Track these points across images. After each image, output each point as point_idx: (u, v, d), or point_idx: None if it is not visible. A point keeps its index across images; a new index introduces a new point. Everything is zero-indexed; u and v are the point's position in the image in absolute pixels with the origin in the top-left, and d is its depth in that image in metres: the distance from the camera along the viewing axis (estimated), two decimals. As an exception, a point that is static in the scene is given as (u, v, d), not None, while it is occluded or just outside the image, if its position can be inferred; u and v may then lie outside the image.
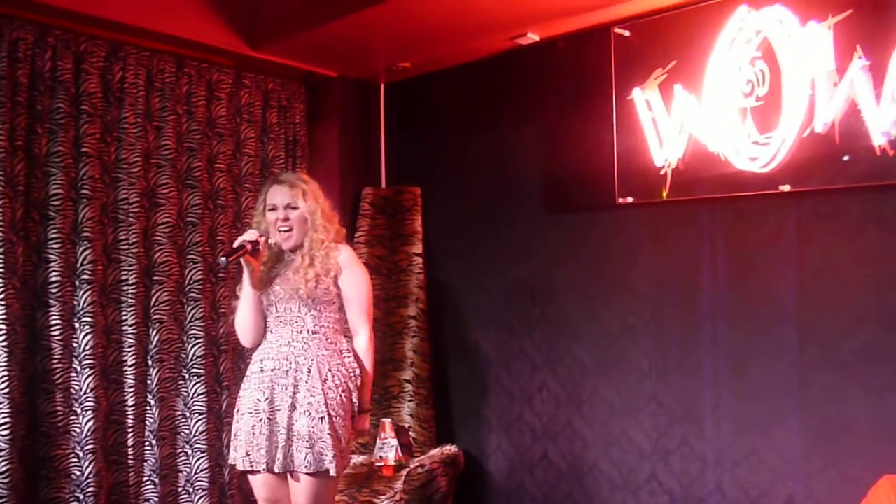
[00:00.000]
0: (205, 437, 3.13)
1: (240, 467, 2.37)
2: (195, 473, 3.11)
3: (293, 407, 2.26)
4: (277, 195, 2.38)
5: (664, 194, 2.81)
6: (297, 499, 2.28)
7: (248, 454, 2.31)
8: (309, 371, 2.28)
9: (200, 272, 3.17)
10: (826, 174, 2.42)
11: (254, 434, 2.30)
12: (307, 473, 2.24)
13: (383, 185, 3.86)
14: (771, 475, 2.61)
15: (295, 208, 2.36)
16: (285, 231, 2.36)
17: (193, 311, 3.15)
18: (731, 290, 2.72)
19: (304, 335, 2.32)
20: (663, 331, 2.89)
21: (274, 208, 2.37)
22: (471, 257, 3.53)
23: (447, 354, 3.63)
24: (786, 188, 2.49)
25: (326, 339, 2.34)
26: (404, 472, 3.11)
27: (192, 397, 3.12)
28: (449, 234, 3.64)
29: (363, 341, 2.40)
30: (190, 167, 3.17)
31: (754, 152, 2.55)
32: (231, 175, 3.33)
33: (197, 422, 3.13)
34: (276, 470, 2.26)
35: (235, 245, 2.30)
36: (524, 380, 3.31)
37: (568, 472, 3.14)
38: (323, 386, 2.27)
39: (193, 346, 3.14)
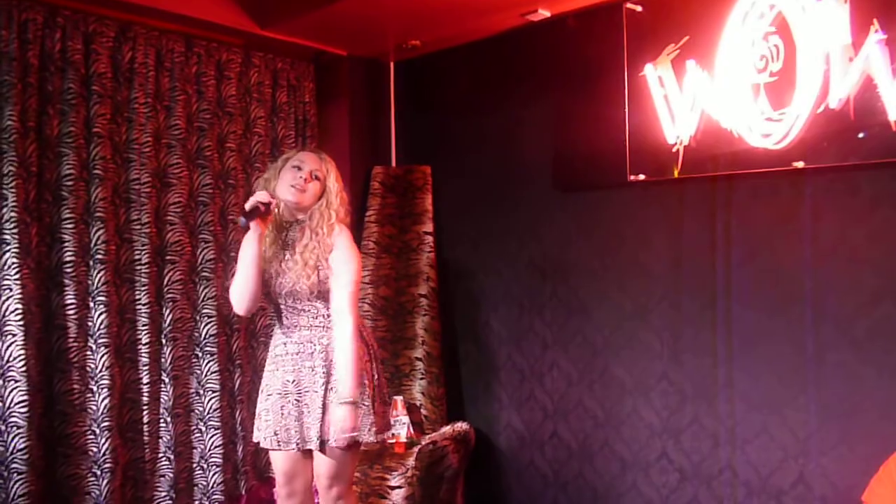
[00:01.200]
0: (218, 415, 3.17)
1: (265, 445, 2.41)
2: (209, 450, 3.16)
3: (325, 386, 2.30)
4: (307, 159, 2.39)
5: (676, 172, 2.78)
6: (321, 470, 2.35)
7: (276, 434, 2.36)
8: (333, 351, 2.32)
9: (212, 252, 3.19)
10: (840, 151, 2.38)
11: (283, 415, 2.34)
12: (339, 447, 2.30)
13: (393, 164, 3.85)
14: (782, 453, 2.61)
15: (318, 179, 2.37)
16: (299, 188, 2.33)
17: (206, 290, 3.17)
18: (743, 268, 2.71)
19: (320, 319, 2.36)
20: (675, 309, 2.88)
21: (299, 168, 2.36)
22: (481, 236, 3.53)
23: (458, 333, 3.64)
24: (799, 165, 2.46)
25: None
26: (416, 449, 3.14)
27: (206, 375, 3.16)
28: (459, 212, 3.63)
29: (348, 329, 2.29)
30: (200, 147, 3.18)
31: (767, 129, 2.52)
32: (241, 155, 3.34)
33: (210, 399, 3.16)
34: (310, 447, 2.31)
35: (249, 206, 2.26)
36: (535, 358, 3.31)
37: (578, 450, 3.16)
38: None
39: (206, 325, 3.17)
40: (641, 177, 2.89)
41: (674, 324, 2.88)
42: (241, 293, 2.35)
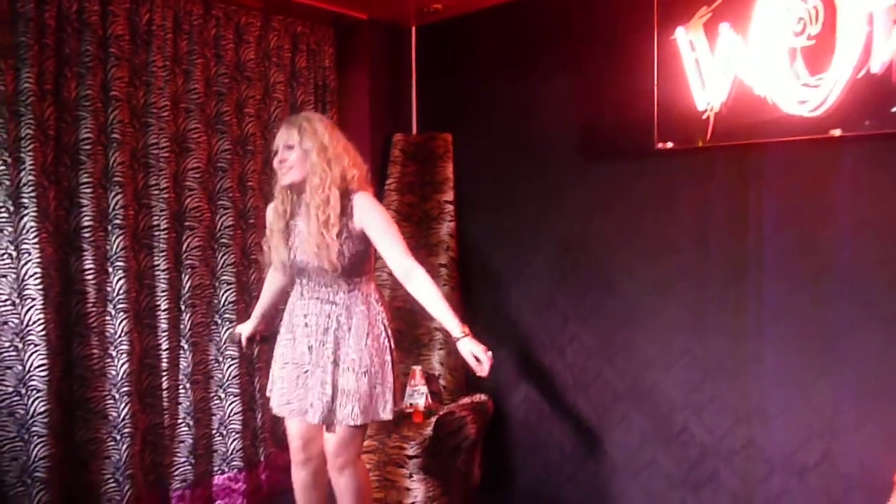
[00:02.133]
0: (237, 382, 3.17)
1: (279, 413, 2.42)
2: (228, 417, 3.17)
3: (335, 363, 2.27)
4: (279, 136, 2.30)
5: (706, 139, 2.70)
6: (331, 440, 2.34)
7: (289, 402, 2.35)
8: (349, 329, 2.28)
9: (231, 218, 3.16)
10: (880, 119, 2.28)
11: (297, 384, 2.33)
12: (344, 424, 2.28)
13: (414, 131, 3.79)
14: (807, 431, 2.54)
15: (290, 147, 2.25)
16: (282, 172, 2.28)
17: (224, 257, 3.15)
18: (773, 240, 2.62)
19: (341, 294, 2.30)
20: (701, 282, 2.81)
21: (276, 150, 2.29)
22: (503, 205, 3.46)
23: (477, 304, 3.60)
24: (836, 133, 2.36)
25: (364, 294, 2.33)
26: (434, 419, 3.12)
27: (224, 342, 3.15)
28: (481, 181, 3.56)
29: (420, 275, 2.22)
30: (219, 112, 3.13)
31: (803, 95, 2.42)
32: (260, 120, 3.29)
33: (229, 367, 3.16)
34: (316, 422, 2.29)
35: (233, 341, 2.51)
36: (555, 330, 3.26)
37: (598, 423, 3.12)
38: (365, 341, 2.28)
39: (225, 291, 3.16)
40: (669, 145, 2.80)
41: (699, 297, 2.81)
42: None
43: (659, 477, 2.92)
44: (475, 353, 2.18)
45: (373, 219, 2.25)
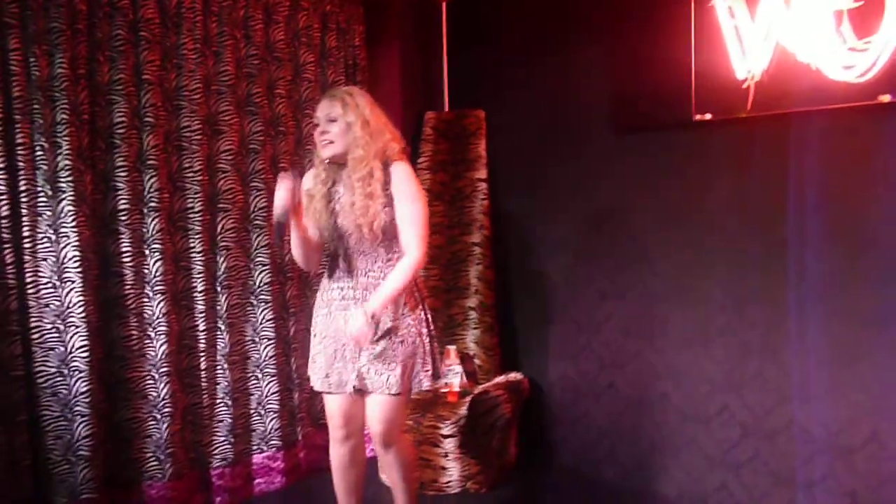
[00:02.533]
0: (274, 362, 3.20)
1: (318, 388, 2.41)
2: (266, 396, 3.20)
3: (378, 334, 2.25)
4: (320, 109, 2.30)
5: (746, 110, 2.60)
6: (372, 415, 2.34)
7: (327, 376, 2.35)
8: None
9: (264, 199, 3.17)
10: (933, 83, 2.17)
11: (335, 358, 2.33)
12: (383, 394, 2.28)
13: (446, 108, 3.74)
14: (853, 410, 2.47)
15: (333, 120, 2.25)
16: (326, 142, 2.27)
17: (258, 238, 3.17)
18: (818, 213, 2.53)
19: (379, 264, 2.29)
20: (742, 258, 2.73)
21: (317, 123, 2.30)
22: (537, 182, 3.41)
23: (513, 282, 3.56)
24: (885, 99, 2.26)
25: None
26: (468, 399, 3.11)
27: (261, 323, 3.18)
28: (514, 158, 3.51)
29: (408, 261, 2.24)
30: (250, 93, 3.13)
31: (850, 60, 2.31)
32: (291, 101, 3.28)
33: (266, 347, 3.19)
34: (351, 390, 2.30)
35: (275, 218, 2.23)
36: (592, 308, 3.21)
37: (635, 401, 3.07)
38: (401, 310, 2.28)
39: (260, 273, 3.18)
40: (708, 116, 2.71)
41: (739, 273, 2.73)
42: (300, 261, 2.40)
43: (698, 457, 2.87)
44: (352, 328, 2.18)
45: (405, 190, 2.26)
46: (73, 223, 2.61)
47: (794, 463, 2.61)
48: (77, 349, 2.62)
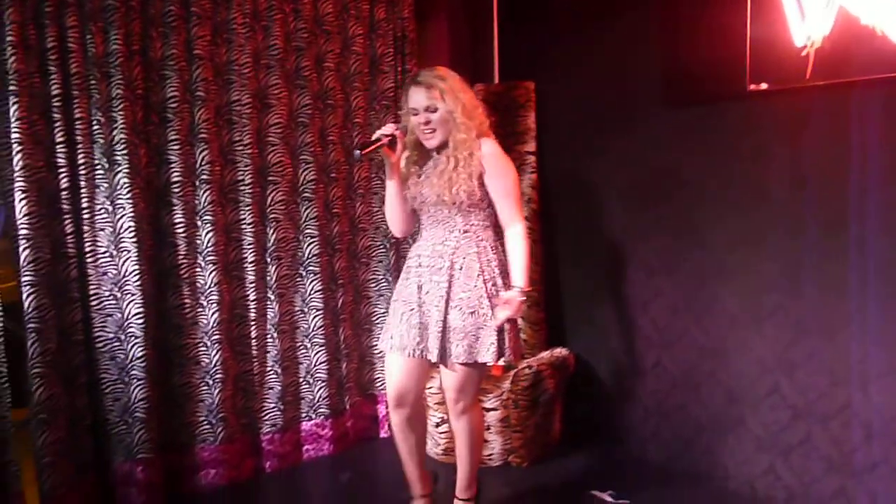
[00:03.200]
0: (322, 332, 3.27)
1: (385, 349, 2.49)
2: (314, 366, 3.27)
3: (447, 302, 2.32)
4: (417, 97, 2.33)
5: (805, 79, 2.47)
6: (447, 383, 2.42)
7: (391, 337, 2.43)
8: (461, 269, 2.33)
9: (313, 172, 3.21)
10: None
11: (402, 321, 2.40)
12: (461, 364, 2.33)
13: (496, 80, 3.69)
14: (913, 394, 2.35)
15: (435, 110, 2.31)
16: (429, 133, 2.33)
17: (308, 210, 3.22)
18: (883, 188, 2.39)
19: (455, 234, 2.35)
20: (798, 235, 2.61)
21: (416, 112, 2.34)
22: (586, 156, 3.34)
23: (560, 257, 3.52)
24: (955, 66, 2.11)
25: (477, 237, 2.36)
26: (512, 373, 3.10)
27: (310, 294, 3.25)
28: (564, 131, 3.45)
29: (517, 231, 2.35)
30: (299, 67, 3.17)
31: (919, 24, 2.16)
32: (339, 74, 3.30)
33: (315, 317, 3.26)
34: (432, 359, 2.36)
35: (372, 138, 2.34)
36: (639, 285, 3.15)
37: (682, 380, 3.00)
38: (474, 282, 2.32)
39: (309, 244, 3.23)
40: (763, 86, 2.59)
41: (795, 251, 2.62)
42: (390, 220, 2.53)
43: (747, 439, 2.79)
44: (503, 311, 2.29)
45: (495, 165, 2.34)
46: (129, 195, 2.70)
47: (847, 448, 2.51)
48: (133, 316, 2.73)
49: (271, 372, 3.17)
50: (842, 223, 2.48)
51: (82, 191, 2.63)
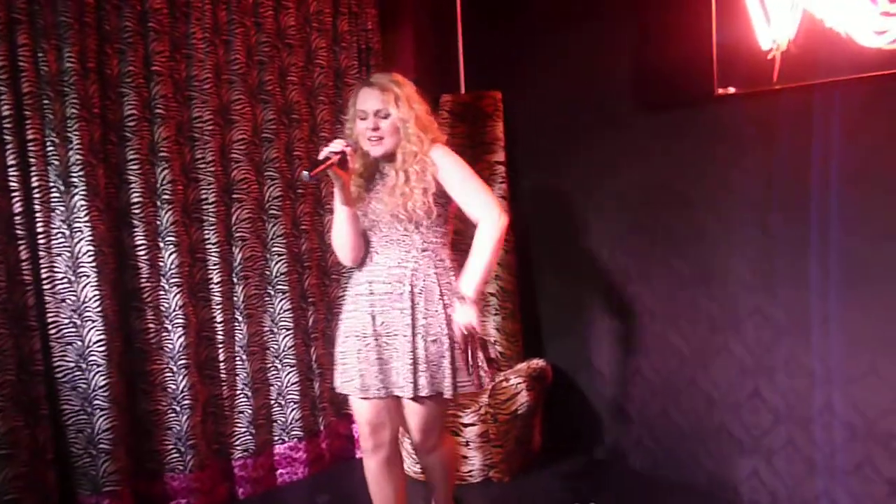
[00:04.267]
0: (293, 352, 3.18)
1: (345, 391, 2.25)
2: (286, 387, 3.18)
3: (413, 331, 2.11)
4: (368, 100, 2.14)
5: (771, 82, 2.47)
6: (413, 424, 2.20)
7: (351, 379, 2.20)
8: (421, 292, 2.12)
9: (279, 189, 3.14)
10: (973, 45, 2.03)
11: (360, 359, 2.17)
12: (424, 396, 2.12)
13: (462, 90, 3.66)
14: (893, 394, 2.34)
15: (386, 116, 2.13)
16: (375, 140, 2.14)
17: (275, 227, 3.14)
18: (848, 189, 2.40)
19: (413, 254, 2.15)
20: (770, 237, 2.61)
21: (364, 116, 2.14)
22: (557, 163, 3.32)
23: (534, 267, 3.49)
24: (921, 65, 2.12)
25: (436, 257, 2.16)
26: (490, 386, 3.04)
27: (279, 313, 3.16)
28: (533, 139, 3.42)
29: (489, 223, 2.11)
30: (262, 81, 3.09)
31: (883, 25, 2.18)
32: (304, 88, 3.24)
33: (285, 337, 3.17)
34: (405, 395, 2.13)
35: (320, 157, 2.11)
36: (616, 292, 3.12)
37: (662, 387, 2.98)
38: (435, 307, 2.12)
39: (277, 262, 3.15)
40: (731, 90, 2.59)
41: (769, 252, 2.62)
42: (339, 247, 2.25)
43: (729, 443, 2.77)
44: (458, 317, 2.08)
45: (450, 167, 2.15)
46: (87, 217, 2.60)
47: (830, 450, 2.50)
48: (95, 343, 2.62)
49: (241, 395, 3.07)
50: (810, 224, 2.48)
51: (37, 215, 2.52)
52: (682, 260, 2.88)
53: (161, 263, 2.82)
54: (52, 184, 2.55)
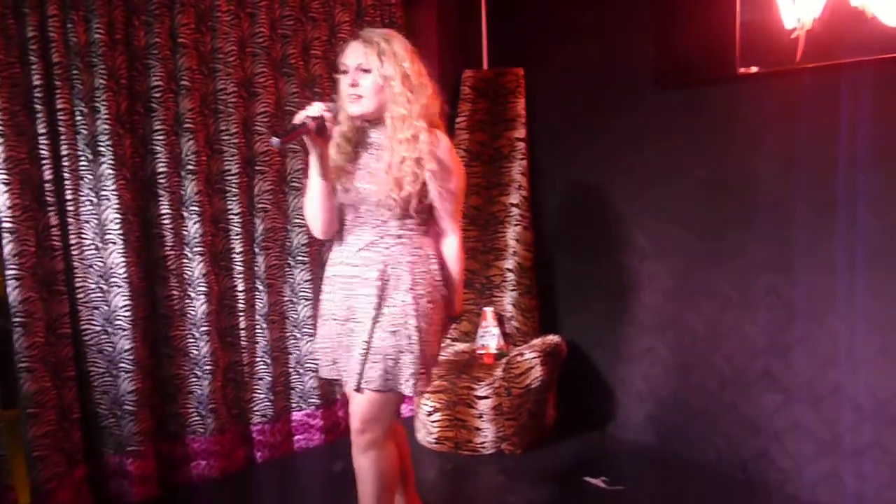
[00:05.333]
0: (311, 322, 3.23)
1: (325, 376, 2.13)
2: (304, 355, 3.25)
3: (376, 320, 1.95)
4: (350, 54, 1.95)
5: (795, 61, 2.45)
6: (355, 411, 2.02)
7: (335, 362, 2.08)
8: (392, 280, 1.97)
9: (301, 161, 3.18)
10: None
11: (339, 343, 2.05)
12: (372, 390, 1.96)
13: (485, 66, 3.66)
14: (905, 376, 2.35)
15: (367, 71, 1.92)
16: (353, 98, 1.94)
17: (296, 200, 3.19)
18: (872, 169, 2.38)
19: (388, 239, 1.98)
20: (788, 217, 2.60)
21: (346, 70, 1.95)
22: (577, 141, 3.33)
23: (551, 243, 3.51)
24: (945, 46, 2.09)
25: (413, 244, 2.00)
26: (504, 361, 3.09)
27: (299, 284, 3.22)
28: (554, 117, 3.43)
29: (455, 243, 2.06)
30: (285, 55, 3.13)
31: (908, 4, 2.15)
32: (327, 62, 3.26)
33: (304, 307, 3.23)
34: (351, 386, 1.99)
35: (295, 121, 1.89)
36: (632, 270, 3.14)
37: (675, 365, 3.00)
38: (402, 296, 1.96)
39: (297, 234, 3.20)
40: (754, 69, 2.57)
41: (786, 233, 2.61)
42: (311, 217, 2.05)
43: (740, 422, 2.79)
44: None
45: (447, 168, 1.97)
46: (114, 186, 2.67)
47: (839, 430, 2.51)
48: (121, 308, 2.70)
49: (261, 362, 3.15)
50: (832, 206, 2.47)
51: (66, 182, 2.60)
52: (698, 239, 2.88)
53: (185, 232, 2.89)
54: (80, 152, 2.62)
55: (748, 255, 2.72)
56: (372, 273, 1.98)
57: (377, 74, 1.93)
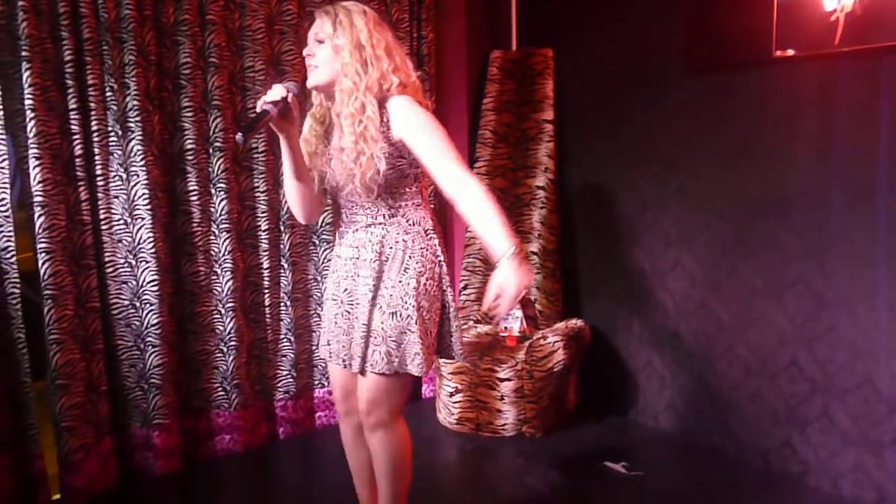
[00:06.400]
0: (335, 301, 3.26)
1: (322, 356, 2.12)
2: (328, 334, 3.27)
3: (373, 302, 1.90)
4: (313, 25, 1.89)
5: (834, 44, 2.39)
6: (362, 393, 1.97)
7: (329, 343, 2.05)
8: (387, 260, 1.90)
9: (327, 141, 3.18)
10: None
11: (336, 324, 2.02)
12: (376, 374, 1.91)
13: (514, 47, 3.62)
14: (936, 370, 2.30)
15: (320, 41, 1.85)
16: (311, 68, 1.87)
17: (321, 179, 3.19)
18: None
19: (380, 219, 1.91)
20: (822, 205, 2.55)
21: (307, 43, 1.90)
22: (605, 124, 3.28)
23: (577, 227, 3.48)
24: None
25: (407, 221, 1.91)
26: (527, 344, 3.09)
27: (322, 262, 3.23)
28: (583, 99, 3.38)
29: (474, 188, 1.74)
30: (313, 33, 3.11)
31: (955, -13, 2.07)
32: (354, 40, 3.24)
33: (328, 286, 3.25)
34: (354, 370, 1.95)
35: (257, 109, 1.78)
36: (657, 256, 3.10)
37: (699, 353, 2.97)
38: (399, 276, 1.88)
39: (323, 213, 3.20)
40: (790, 52, 2.51)
41: (819, 222, 2.56)
42: (289, 201, 2.01)
43: (763, 412, 2.76)
44: (503, 285, 1.69)
45: (412, 123, 1.80)
46: (143, 162, 2.69)
47: (865, 423, 2.48)
48: (148, 283, 2.74)
49: (284, 339, 3.18)
50: (868, 193, 2.41)
51: (96, 158, 2.62)
52: (726, 226, 2.84)
53: (212, 209, 2.91)
54: (110, 128, 2.64)
55: (778, 242, 2.67)
56: (369, 254, 1.91)
57: (332, 44, 1.84)
